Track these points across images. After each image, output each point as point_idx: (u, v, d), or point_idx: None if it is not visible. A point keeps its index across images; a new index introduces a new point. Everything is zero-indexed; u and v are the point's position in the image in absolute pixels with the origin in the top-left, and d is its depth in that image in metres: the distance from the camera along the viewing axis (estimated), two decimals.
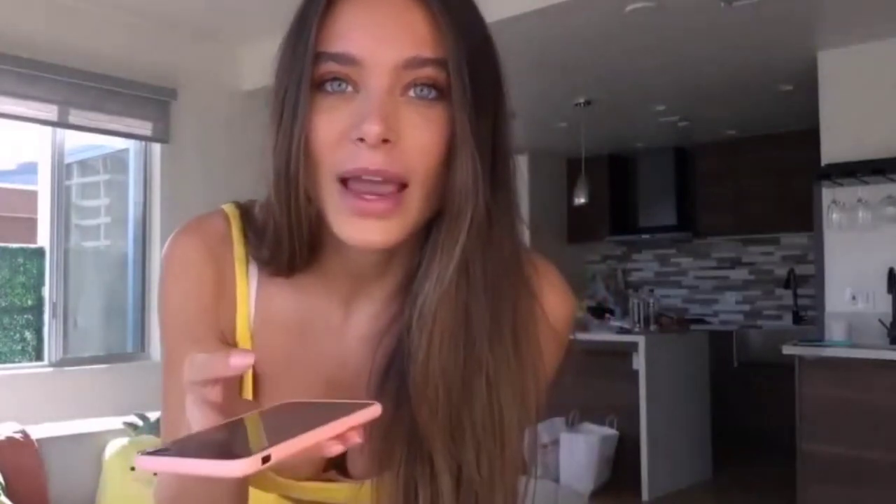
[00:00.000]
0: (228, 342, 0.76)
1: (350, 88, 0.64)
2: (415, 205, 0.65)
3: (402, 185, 0.63)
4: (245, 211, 0.76)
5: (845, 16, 3.96)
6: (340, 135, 0.63)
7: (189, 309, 0.74)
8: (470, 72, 0.66)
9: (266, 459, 0.46)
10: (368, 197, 0.63)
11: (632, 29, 3.99)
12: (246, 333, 0.75)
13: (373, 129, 0.61)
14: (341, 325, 0.76)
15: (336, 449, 0.52)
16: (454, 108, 0.65)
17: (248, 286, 0.75)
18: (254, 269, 0.75)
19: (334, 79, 0.64)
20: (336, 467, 0.77)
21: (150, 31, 4.33)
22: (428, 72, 0.64)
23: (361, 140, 0.61)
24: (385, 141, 0.61)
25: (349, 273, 0.73)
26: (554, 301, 0.79)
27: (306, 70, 0.64)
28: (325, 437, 0.50)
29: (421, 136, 0.63)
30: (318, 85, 0.64)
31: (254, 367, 0.75)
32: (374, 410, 0.54)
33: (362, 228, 0.64)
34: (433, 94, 0.64)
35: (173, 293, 0.75)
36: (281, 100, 0.66)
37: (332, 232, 0.67)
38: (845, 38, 4.28)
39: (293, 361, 0.77)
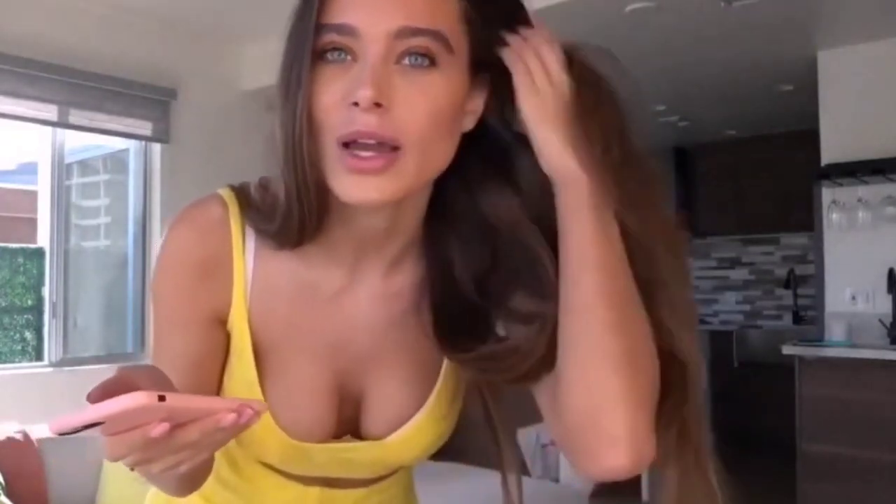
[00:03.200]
0: (221, 320, 0.79)
1: (349, 58, 0.68)
2: (409, 167, 0.68)
3: (396, 148, 0.67)
4: (241, 191, 0.79)
5: (845, 16, 3.96)
6: (339, 100, 0.67)
7: (177, 299, 0.78)
8: (482, 35, 0.73)
9: (161, 398, 0.51)
10: (363, 154, 0.66)
11: (632, 29, 3.98)
12: (242, 310, 0.78)
13: (365, 94, 0.65)
14: (347, 288, 0.79)
15: (230, 418, 0.56)
16: (497, 68, 0.73)
17: (244, 265, 0.78)
18: (251, 245, 0.78)
19: (334, 49, 0.68)
20: (353, 433, 0.82)
21: (150, 31, 4.33)
22: (420, 41, 0.67)
23: (356, 104, 0.65)
24: (378, 105, 0.65)
25: (353, 240, 0.76)
26: None
27: (309, 41, 0.68)
28: (220, 407, 0.56)
29: (413, 103, 0.67)
30: (321, 55, 0.68)
31: (254, 338, 0.79)
32: (263, 405, 0.60)
33: (358, 185, 0.67)
34: (426, 62, 0.68)
35: (163, 282, 0.80)
36: (287, 70, 0.70)
37: (336, 199, 0.70)
38: (845, 38, 4.27)
39: (296, 327, 0.79)
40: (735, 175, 6.80)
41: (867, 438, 3.64)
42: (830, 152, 4.38)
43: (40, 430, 2.91)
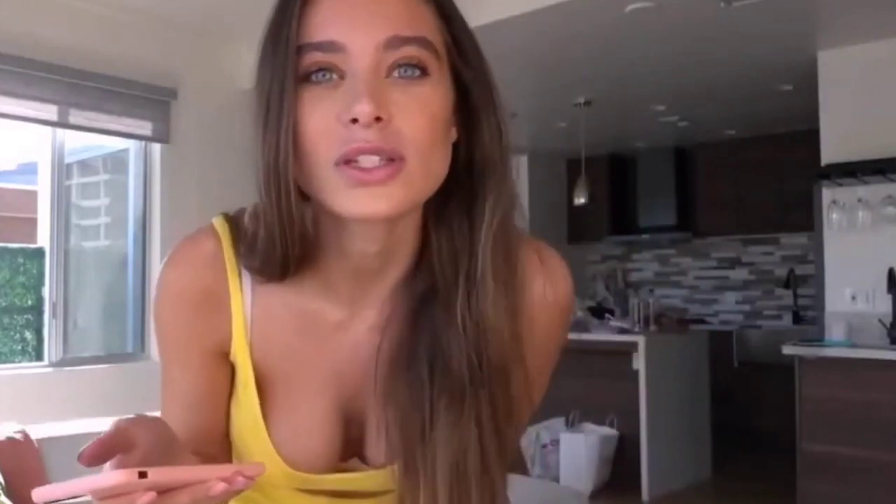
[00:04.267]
0: (224, 353, 0.78)
1: (335, 76, 0.65)
2: (415, 177, 0.65)
3: (399, 158, 0.64)
4: (234, 223, 0.77)
5: (845, 16, 3.96)
6: (333, 122, 0.64)
7: (177, 336, 0.78)
8: (459, 46, 0.70)
9: (143, 475, 0.51)
10: (367, 166, 0.63)
11: (632, 29, 3.99)
12: (244, 348, 0.77)
13: (365, 109, 0.62)
14: (347, 320, 0.77)
15: (220, 486, 0.55)
16: (465, 80, 0.70)
17: (241, 298, 0.76)
18: (247, 280, 0.76)
19: (319, 69, 0.65)
20: (359, 455, 0.80)
21: (150, 31, 4.33)
22: (409, 51, 0.65)
23: (354, 121, 0.62)
24: (377, 119, 0.62)
25: (350, 273, 0.74)
26: (549, 280, 0.81)
27: (290, 63, 0.64)
28: (212, 475, 0.56)
29: (412, 114, 0.64)
30: (304, 77, 0.65)
31: (256, 370, 0.78)
32: (259, 468, 0.59)
33: (365, 197, 0.64)
34: (417, 72, 0.66)
35: (161, 319, 0.79)
36: (265, 97, 0.66)
37: (329, 229, 0.68)
38: (845, 38, 4.27)
39: (299, 358, 0.78)
40: (735, 175, 6.80)
41: (867, 438, 3.64)
42: (830, 152, 4.38)
43: (40, 430, 2.91)
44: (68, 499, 0.52)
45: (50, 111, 3.97)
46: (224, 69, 4.69)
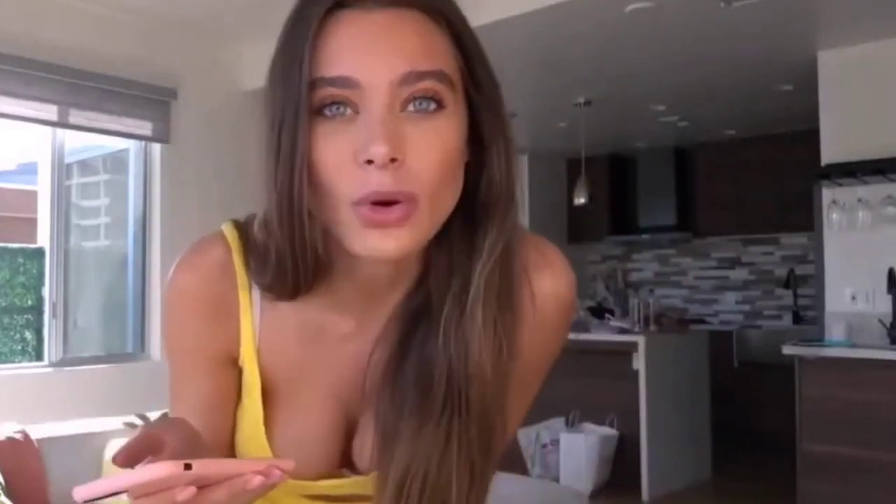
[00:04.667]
0: (233, 359, 0.78)
1: (349, 111, 0.64)
2: (425, 217, 0.65)
3: (413, 200, 0.64)
4: (244, 231, 0.77)
5: (845, 16, 3.96)
6: (348, 159, 0.63)
7: (187, 341, 0.78)
8: (472, 74, 0.69)
9: (188, 467, 0.51)
10: (383, 209, 0.64)
11: (632, 29, 3.99)
12: (252, 354, 0.78)
13: (380, 151, 0.61)
14: (355, 333, 0.77)
15: (257, 480, 0.55)
16: (477, 107, 0.69)
17: (251, 309, 0.77)
18: (256, 292, 0.76)
19: (333, 103, 0.64)
20: (350, 466, 0.80)
21: (150, 31, 4.33)
22: (425, 85, 0.64)
23: (369, 162, 0.62)
24: (393, 160, 0.62)
25: (360, 289, 0.75)
26: (552, 279, 0.80)
27: (303, 97, 0.64)
28: (247, 469, 0.56)
29: (427, 150, 0.64)
30: (317, 111, 0.64)
31: (263, 377, 0.78)
32: (289, 463, 0.59)
33: (378, 238, 0.64)
34: (433, 106, 0.65)
35: (171, 326, 0.79)
36: (277, 129, 0.65)
37: (341, 252, 0.68)
38: (845, 38, 4.27)
39: (305, 370, 0.78)
40: (735, 175, 6.80)
41: (867, 438, 3.64)
42: (830, 152, 4.38)
43: (40, 430, 2.91)
44: (111, 495, 0.51)
45: (50, 111, 3.97)
46: (224, 69, 4.69)
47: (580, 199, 5.73)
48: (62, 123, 4.04)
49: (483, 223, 0.71)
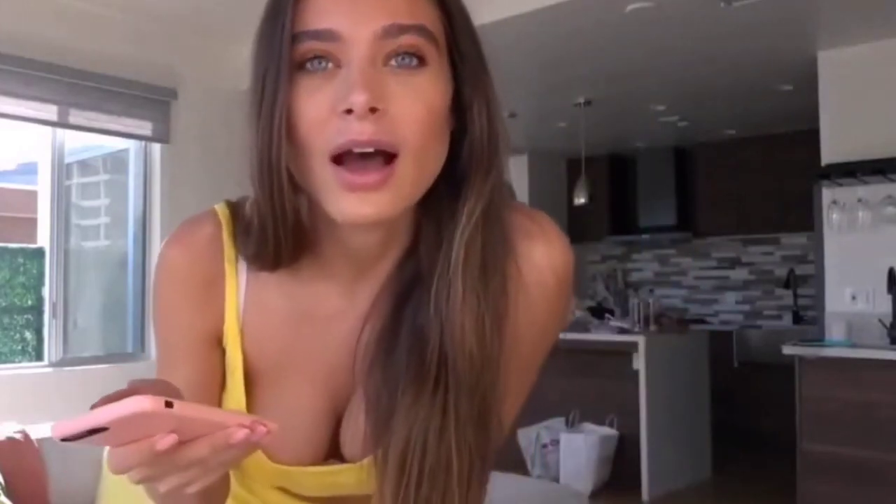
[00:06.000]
0: (218, 339, 0.77)
1: (331, 65, 0.64)
2: (407, 177, 0.64)
3: (392, 157, 0.63)
4: (235, 209, 0.76)
5: (845, 16, 3.96)
6: (328, 112, 0.63)
7: (174, 318, 0.77)
8: (457, 40, 0.68)
9: (169, 405, 0.48)
10: (359, 170, 0.62)
11: (632, 29, 3.99)
12: (235, 333, 0.76)
13: (360, 99, 0.60)
14: (346, 309, 0.76)
15: (241, 433, 0.52)
16: (461, 74, 0.68)
17: (237, 284, 0.76)
18: (243, 267, 0.75)
19: (315, 57, 0.64)
20: (337, 457, 0.78)
21: (150, 31, 4.33)
22: (407, 39, 0.64)
23: (349, 112, 0.61)
24: (373, 110, 0.61)
25: (348, 258, 0.73)
26: (545, 249, 0.78)
27: (285, 51, 0.63)
28: (231, 421, 0.53)
29: (409, 104, 0.63)
30: (299, 66, 0.64)
31: (246, 358, 0.76)
32: (273, 425, 0.55)
33: (354, 203, 0.63)
34: (415, 62, 0.64)
35: (158, 301, 0.78)
36: (261, 85, 0.65)
37: (327, 218, 0.67)
38: (845, 38, 4.27)
39: (292, 351, 0.77)
40: (735, 175, 6.80)
41: (867, 438, 3.64)
42: (830, 152, 4.38)
43: (40, 430, 2.91)
44: (88, 433, 0.49)
45: (50, 111, 3.97)
46: (224, 69, 4.68)
47: (580, 199, 5.73)
48: (62, 123, 4.04)
49: (462, 190, 0.69)
